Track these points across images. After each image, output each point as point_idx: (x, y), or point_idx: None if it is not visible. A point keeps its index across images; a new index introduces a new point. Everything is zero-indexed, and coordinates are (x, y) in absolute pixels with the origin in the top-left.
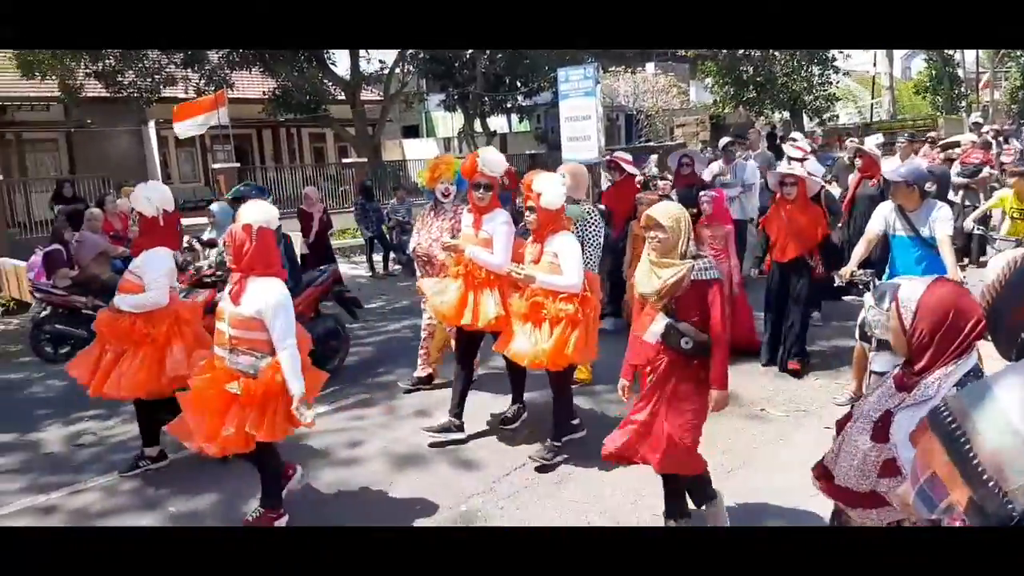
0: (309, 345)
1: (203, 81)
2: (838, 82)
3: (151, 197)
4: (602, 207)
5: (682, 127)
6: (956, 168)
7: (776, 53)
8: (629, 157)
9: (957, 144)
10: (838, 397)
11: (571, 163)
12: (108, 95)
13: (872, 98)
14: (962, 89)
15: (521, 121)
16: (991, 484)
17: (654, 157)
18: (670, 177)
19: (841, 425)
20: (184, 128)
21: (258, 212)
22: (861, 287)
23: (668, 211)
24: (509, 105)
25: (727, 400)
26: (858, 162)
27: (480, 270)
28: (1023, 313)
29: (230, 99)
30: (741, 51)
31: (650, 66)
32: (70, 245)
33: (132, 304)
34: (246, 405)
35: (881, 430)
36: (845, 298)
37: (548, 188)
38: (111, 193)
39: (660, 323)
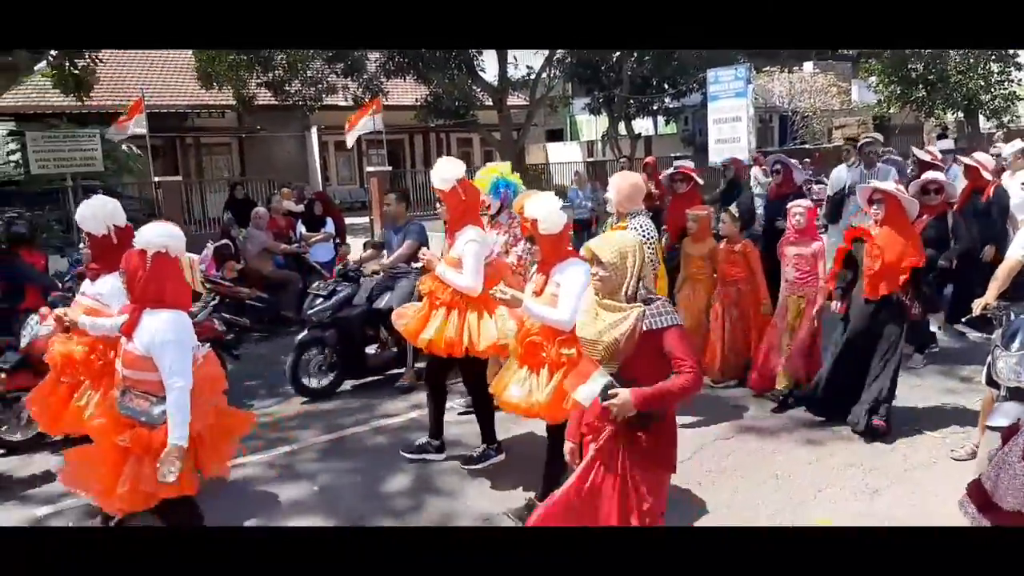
0: (224, 385)
1: (360, 89)
2: (1020, 80)
3: (97, 214)
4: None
5: (842, 128)
6: None
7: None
8: (692, 165)
9: None
10: (956, 450)
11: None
12: (276, 103)
13: None
14: None
15: (668, 123)
16: None
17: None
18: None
19: (1007, 437)
20: (350, 136)
21: (155, 235)
22: (995, 323)
23: (612, 244)
24: (655, 107)
25: (629, 408)
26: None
27: (442, 290)
28: None
29: (385, 106)
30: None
31: (808, 65)
32: (237, 241)
33: (110, 328)
34: (142, 458)
35: None
36: (973, 336)
37: (543, 211)
38: (276, 194)
39: (596, 383)
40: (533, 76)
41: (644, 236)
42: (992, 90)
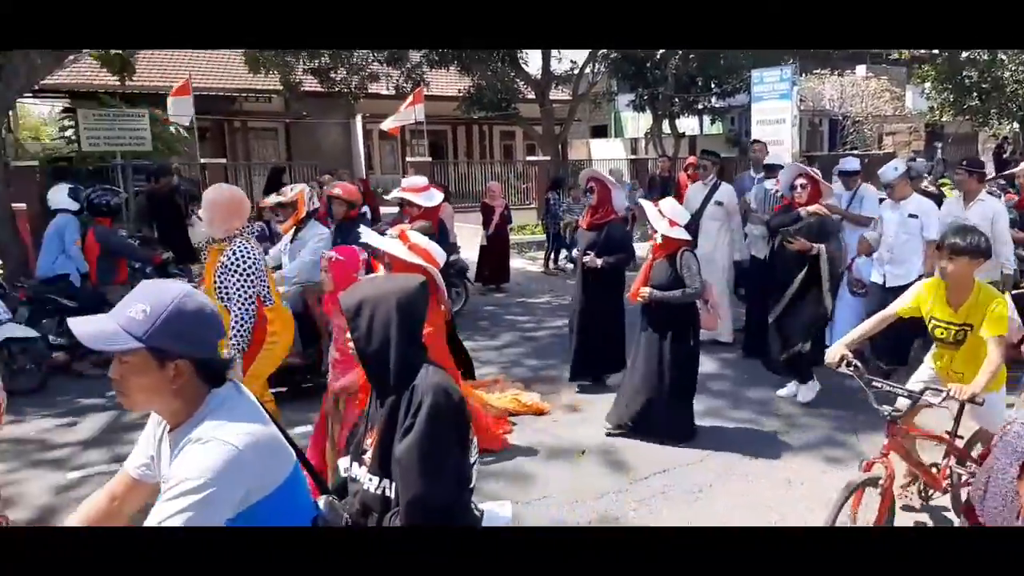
0: None
1: (403, 78)
2: None
3: None
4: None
5: (892, 135)
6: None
7: (1004, 57)
8: (421, 183)
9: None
10: None
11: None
12: (322, 90)
13: None
14: None
15: (713, 123)
16: None
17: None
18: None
19: (983, 457)
20: (388, 123)
21: None
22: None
23: None
24: (701, 106)
25: None
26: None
27: None
28: None
29: (427, 96)
30: (965, 54)
31: (861, 69)
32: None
33: None
34: None
35: None
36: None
37: None
38: (313, 181)
39: None
40: (576, 71)
41: (241, 266)
42: None
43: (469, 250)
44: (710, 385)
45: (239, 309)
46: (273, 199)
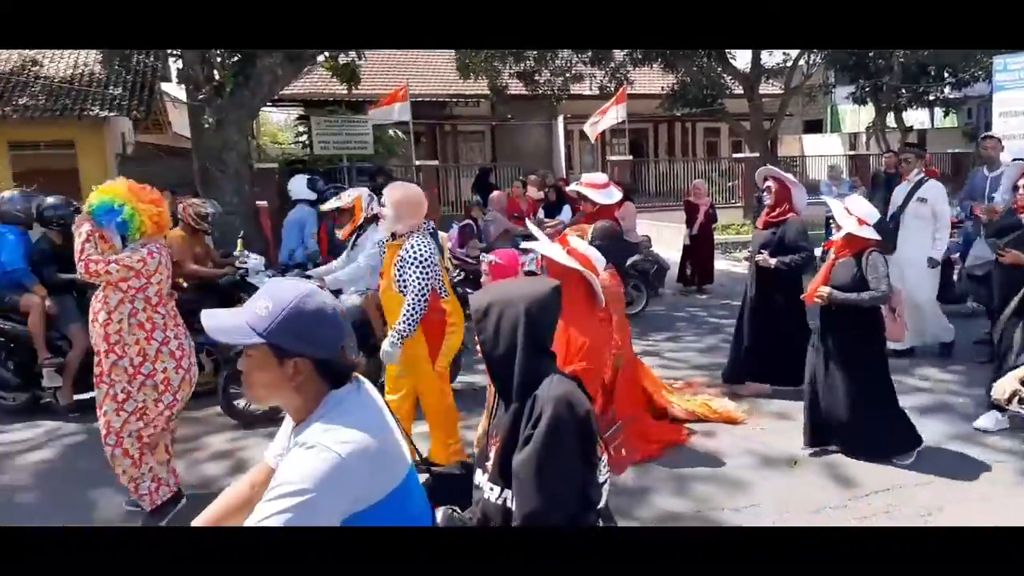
0: None
1: (606, 78)
2: None
3: None
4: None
5: None
6: None
7: None
8: (601, 180)
9: None
10: None
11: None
12: (526, 93)
13: None
14: None
15: (947, 115)
16: None
17: None
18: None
19: None
20: (589, 128)
21: None
22: None
23: None
24: (932, 98)
25: None
26: None
27: None
28: None
29: (630, 95)
30: None
31: None
32: (479, 222)
33: None
34: None
35: None
36: None
37: None
38: (517, 181)
39: None
40: (789, 63)
41: (419, 259)
42: None
43: (672, 250)
44: (948, 403)
45: (414, 298)
46: (332, 204)
